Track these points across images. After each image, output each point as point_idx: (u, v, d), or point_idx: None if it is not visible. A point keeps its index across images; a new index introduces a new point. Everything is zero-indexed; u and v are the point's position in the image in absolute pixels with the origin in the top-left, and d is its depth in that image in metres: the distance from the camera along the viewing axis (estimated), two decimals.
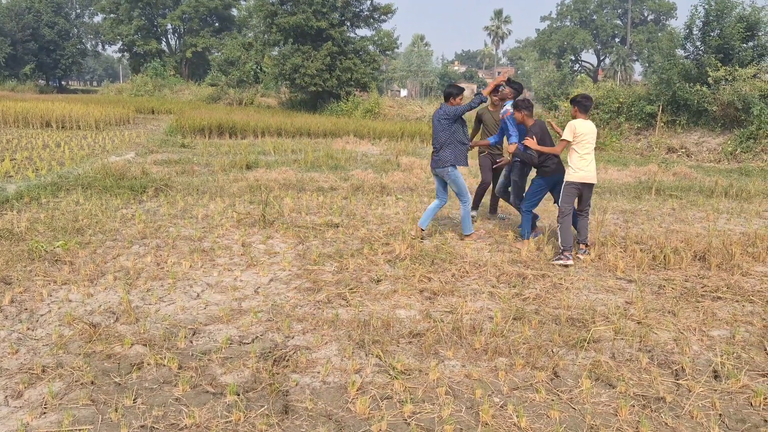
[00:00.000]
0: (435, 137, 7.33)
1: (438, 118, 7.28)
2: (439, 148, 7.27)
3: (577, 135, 6.72)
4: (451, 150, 7.26)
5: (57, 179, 10.80)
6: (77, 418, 3.38)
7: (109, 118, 24.13)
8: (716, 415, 3.59)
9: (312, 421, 3.43)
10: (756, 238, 7.55)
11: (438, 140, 7.27)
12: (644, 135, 21.40)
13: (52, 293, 5.33)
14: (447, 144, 7.24)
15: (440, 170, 7.34)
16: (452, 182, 7.31)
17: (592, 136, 6.82)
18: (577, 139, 6.72)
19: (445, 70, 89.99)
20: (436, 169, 7.39)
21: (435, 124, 7.33)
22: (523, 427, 3.41)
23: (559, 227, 6.76)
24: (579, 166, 6.74)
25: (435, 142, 7.32)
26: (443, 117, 7.23)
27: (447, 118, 7.22)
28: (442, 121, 7.24)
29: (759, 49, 20.63)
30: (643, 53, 60.79)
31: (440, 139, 7.25)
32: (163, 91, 47.07)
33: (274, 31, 35.88)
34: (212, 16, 63.25)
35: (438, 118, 7.27)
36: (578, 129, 6.73)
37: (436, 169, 7.39)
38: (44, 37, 70.65)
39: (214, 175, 12.27)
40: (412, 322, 4.89)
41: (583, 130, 6.74)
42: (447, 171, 7.28)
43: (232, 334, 4.57)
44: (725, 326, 4.98)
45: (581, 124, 6.76)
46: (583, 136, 6.73)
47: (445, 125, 7.22)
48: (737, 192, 11.77)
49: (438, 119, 7.28)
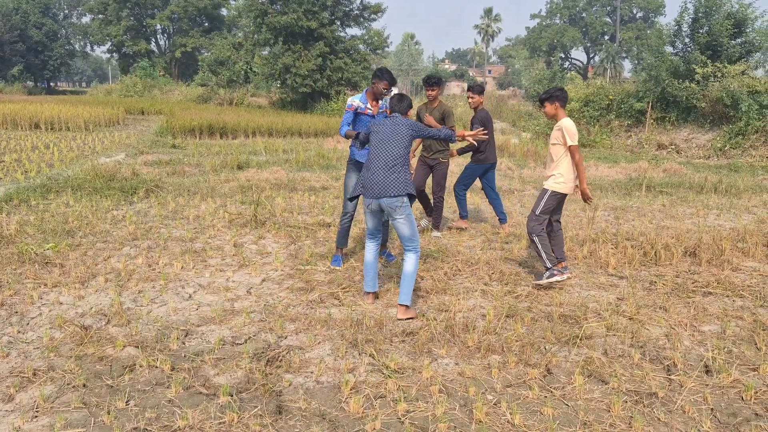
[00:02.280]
0: (384, 151, 5.12)
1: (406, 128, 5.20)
2: (386, 169, 5.06)
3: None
4: (406, 173, 5.15)
5: (46, 181, 10.73)
6: (69, 421, 3.36)
7: (99, 119, 23.97)
8: (708, 409, 3.61)
9: (306, 421, 3.43)
10: (745, 234, 7.61)
11: (392, 156, 5.09)
12: (634, 132, 21.51)
13: (43, 296, 5.30)
14: (402, 163, 5.13)
15: (388, 202, 5.01)
16: (405, 222, 5.05)
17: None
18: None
19: (435, 68, 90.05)
20: (383, 200, 5.03)
21: (389, 136, 5.15)
22: (517, 423, 3.42)
23: (538, 243, 5.76)
24: (570, 177, 5.80)
25: (379, 159, 5.11)
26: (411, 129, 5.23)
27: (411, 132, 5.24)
28: (403, 131, 5.18)
29: (747, 45, 20.78)
30: (633, 50, 61.11)
31: (394, 156, 5.09)
32: (152, 92, 46.83)
33: (264, 31, 35.77)
34: (201, 15, 62.99)
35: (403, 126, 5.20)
36: (574, 130, 5.70)
37: (384, 200, 5.02)
38: (32, 38, 70.09)
39: (205, 176, 12.23)
40: (404, 321, 4.89)
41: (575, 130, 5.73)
42: (400, 205, 5.03)
43: (224, 334, 4.56)
44: (716, 321, 5.02)
45: (572, 123, 5.76)
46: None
47: (407, 139, 5.19)
48: (726, 188, 11.86)
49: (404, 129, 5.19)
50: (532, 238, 5.80)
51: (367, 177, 5.14)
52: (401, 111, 5.39)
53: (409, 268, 5.04)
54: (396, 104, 5.42)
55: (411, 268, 5.04)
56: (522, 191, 11.43)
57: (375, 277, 5.34)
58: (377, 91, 6.12)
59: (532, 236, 5.80)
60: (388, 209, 5.04)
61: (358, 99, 6.22)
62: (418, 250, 5.11)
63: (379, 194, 5.03)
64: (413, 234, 5.07)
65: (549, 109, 5.84)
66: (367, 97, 6.23)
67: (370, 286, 5.34)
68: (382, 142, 5.15)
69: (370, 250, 5.38)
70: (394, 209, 5.01)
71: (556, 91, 5.85)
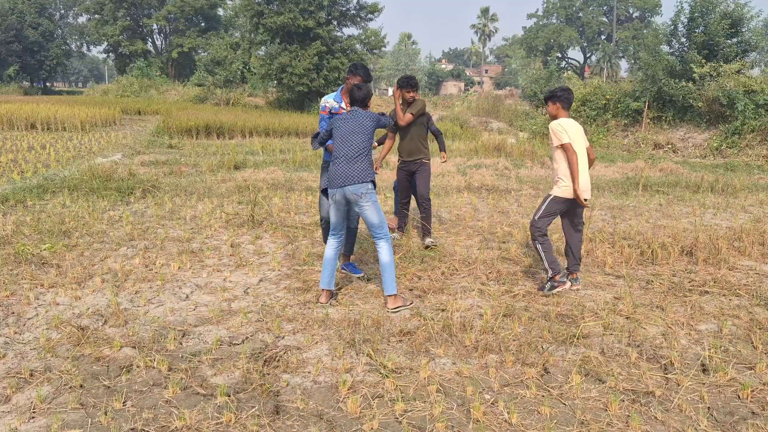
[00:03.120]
0: (346, 144, 5.13)
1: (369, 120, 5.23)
2: (349, 159, 5.09)
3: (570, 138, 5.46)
4: (369, 163, 5.18)
5: (43, 181, 10.71)
6: (66, 422, 3.35)
7: (95, 119, 23.94)
8: (705, 408, 3.62)
9: (303, 421, 3.43)
10: (742, 233, 7.62)
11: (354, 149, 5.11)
12: (631, 131, 21.56)
13: (39, 296, 5.29)
14: (365, 154, 5.16)
15: (353, 189, 5.03)
16: (371, 209, 5.09)
17: (581, 138, 5.60)
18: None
19: (432, 68, 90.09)
20: (347, 187, 5.04)
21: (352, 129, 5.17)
22: (514, 423, 3.42)
23: (541, 250, 5.52)
24: (569, 177, 5.46)
25: (343, 152, 5.12)
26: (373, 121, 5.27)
27: (374, 124, 5.28)
28: (367, 123, 5.21)
29: (743, 45, 20.85)
30: (629, 50, 61.17)
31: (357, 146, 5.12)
32: (149, 92, 46.79)
33: (260, 31, 35.79)
34: (198, 15, 62.93)
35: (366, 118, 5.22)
36: (570, 130, 5.47)
37: (349, 188, 5.04)
38: (28, 39, 69.94)
39: (202, 176, 12.21)
40: (402, 321, 4.89)
41: (572, 131, 5.49)
42: (366, 191, 5.06)
43: (222, 335, 4.55)
44: (713, 320, 5.03)
45: (569, 123, 5.54)
46: (574, 140, 5.48)
47: (370, 131, 5.24)
48: (723, 187, 11.89)
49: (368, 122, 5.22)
50: (535, 244, 5.57)
51: (332, 170, 5.16)
52: (360, 103, 5.32)
53: (385, 257, 5.10)
54: (355, 94, 5.32)
55: (387, 257, 5.10)
56: (519, 191, 11.44)
57: (332, 275, 5.27)
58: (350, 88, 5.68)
59: (534, 242, 5.58)
60: (354, 197, 5.04)
61: (332, 98, 5.86)
62: (389, 237, 5.16)
63: (343, 183, 5.04)
64: (381, 221, 5.13)
65: (551, 109, 5.70)
66: (342, 95, 5.87)
67: (326, 283, 5.24)
68: (345, 136, 5.16)
69: (331, 246, 5.30)
70: (359, 196, 5.03)
71: (559, 91, 5.68)
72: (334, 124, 5.31)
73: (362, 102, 5.32)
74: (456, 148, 18.68)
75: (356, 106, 5.33)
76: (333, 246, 5.32)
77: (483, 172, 13.69)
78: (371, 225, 5.14)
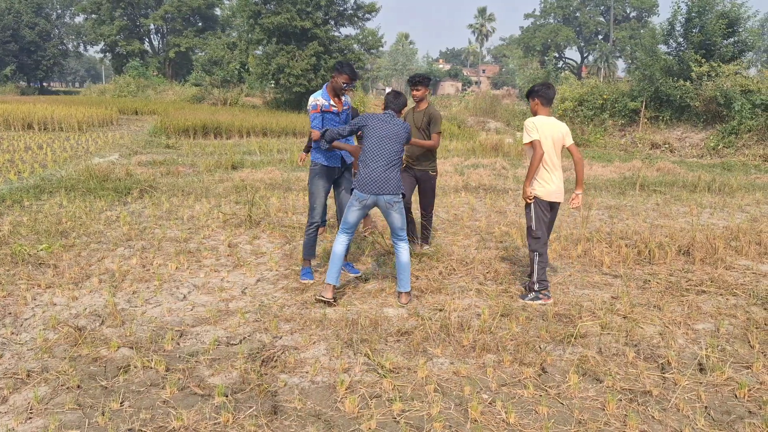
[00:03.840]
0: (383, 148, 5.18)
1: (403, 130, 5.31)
2: (386, 167, 5.15)
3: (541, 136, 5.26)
4: (400, 173, 5.32)
5: (40, 182, 10.68)
6: (64, 422, 3.35)
7: (92, 119, 23.90)
8: (702, 407, 3.63)
9: (301, 421, 3.43)
10: (739, 232, 7.64)
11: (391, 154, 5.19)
12: (628, 131, 21.59)
13: (36, 297, 5.28)
14: (399, 163, 5.29)
15: (389, 198, 5.15)
16: (398, 213, 5.25)
17: (558, 138, 5.35)
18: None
19: (430, 68, 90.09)
20: (381, 196, 5.13)
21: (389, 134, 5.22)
22: (512, 423, 3.42)
23: (536, 262, 5.37)
24: (545, 179, 5.32)
25: (379, 157, 5.15)
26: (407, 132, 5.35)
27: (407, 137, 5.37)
28: (401, 133, 5.28)
29: (740, 45, 20.90)
30: (626, 50, 61.31)
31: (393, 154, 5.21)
32: (146, 92, 46.71)
33: (257, 31, 35.75)
34: (195, 15, 62.81)
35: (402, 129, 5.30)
36: (542, 128, 5.26)
37: (384, 197, 5.14)
38: (25, 38, 69.76)
39: (199, 176, 12.20)
40: (400, 321, 4.89)
41: (546, 130, 5.28)
42: (398, 200, 5.22)
43: (219, 335, 4.55)
44: (710, 319, 5.04)
45: (543, 121, 5.31)
46: (546, 138, 5.27)
47: (403, 141, 5.31)
48: (720, 187, 11.91)
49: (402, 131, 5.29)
50: (533, 255, 5.39)
51: (365, 173, 5.14)
52: (396, 109, 5.43)
53: (405, 257, 5.31)
54: (392, 101, 5.41)
55: (406, 258, 5.32)
56: (516, 191, 11.44)
57: (339, 271, 5.25)
58: (336, 85, 5.62)
59: (532, 253, 5.40)
60: (386, 205, 5.18)
61: (321, 96, 5.67)
62: (407, 239, 5.39)
63: (378, 191, 5.11)
64: (404, 223, 5.33)
65: (531, 106, 5.54)
66: (327, 92, 5.68)
67: (333, 279, 5.22)
68: (382, 139, 5.20)
69: (341, 242, 5.32)
70: (392, 204, 5.18)
71: (538, 86, 5.47)
72: (369, 123, 5.28)
73: (398, 110, 5.46)
74: (453, 147, 18.69)
75: (391, 110, 5.43)
76: (344, 242, 5.34)
77: (480, 171, 13.70)
78: (395, 227, 5.30)
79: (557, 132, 5.36)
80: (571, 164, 15.40)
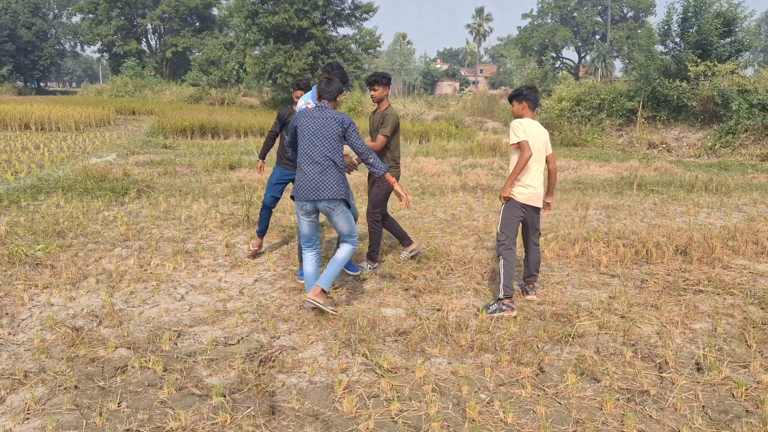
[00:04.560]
0: (314, 148, 4.75)
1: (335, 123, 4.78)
2: (321, 170, 4.73)
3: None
4: (342, 175, 4.84)
5: (37, 182, 10.66)
6: (61, 423, 3.34)
7: (89, 119, 23.85)
8: (699, 406, 3.63)
9: (299, 421, 3.43)
10: (736, 232, 7.66)
11: (323, 154, 4.74)
12: (625, 131, 21.62)
13: (34, 297, 5.27)
14: (337, 163, 4.80)
15: (325, 204, 4.77)
16: (342, 218, 4.87)
17: (542, 143, 5.23)
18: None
19: (427, 68, 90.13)
20: (320, 203, 4.77)
21: (319, 132, 4.76)
22: (510, 422, 3.42)
23: (502, 267, 5.06)
24: (523, 182, 5.14)
25: (312, 158, 4.74)
26: (340, 124, 4.78)
27: (341, 131, 4.80)
28: (333, 126, 4.76)
29: (736, 44, 20.93)
30: (623, 50, 61.43)
31: (327, 153, 4.75)
32: (143, 92, 46.66)
33: (254, 31, 35.73)
34: (192, 15, 62.79)
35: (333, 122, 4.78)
36: (529, 131, 5.11)
37: (322, 204, 4.77)
38: (21, 38, 69.66)
39: (197, 176, 12.18)
40: (397, 321, 4.89)
41: (533, 133, 5.14)
42: (337, 206, 4.80)
43: (217, 335, 4.54)
44: (707, 319, 5.05)
45: (530, 124, 5.17)
46: (533, 141, 5.12)
47: (337, 135, 4.79)
48: (717, 186, 11.93)
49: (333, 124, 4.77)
50: (498, 259, 5.15)
51: (299, 177, 4.81)
52: (330, 97, 4.91)
53: (340, 254, 4.92)
54: (324, 88, 4.92)
55: (342, 255, 4.92)
56: None
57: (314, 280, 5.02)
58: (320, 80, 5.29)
59: (497, 257, 5.17)
60: (327, 210, 4.80)
61: (311, 98, 5.45)
62: (356, 244, 5.00)
63: (314, 196, 4.73)
64: (351, 230, 4.95)
65: (516, 109, 5.27)
66: (316, 96, 5.30)
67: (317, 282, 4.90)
68: (313, 138, 4.76)
69: (308, 260, 5.05)
70: (333, 209, 4.79)
71: (525, 89, 5.26)
72: (299, 122, 4.85)
73: (332, 98, 4.91)
74: (451, 147, 18.70)
75: (324, 101, 4.91)
76: (312, 260, 5.06)
77: (478, 171, 13.71)
78: (340, 233, 4.97)
79: (542, 137, 5.25)
80: (569, 164, 15.42)
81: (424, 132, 22.31)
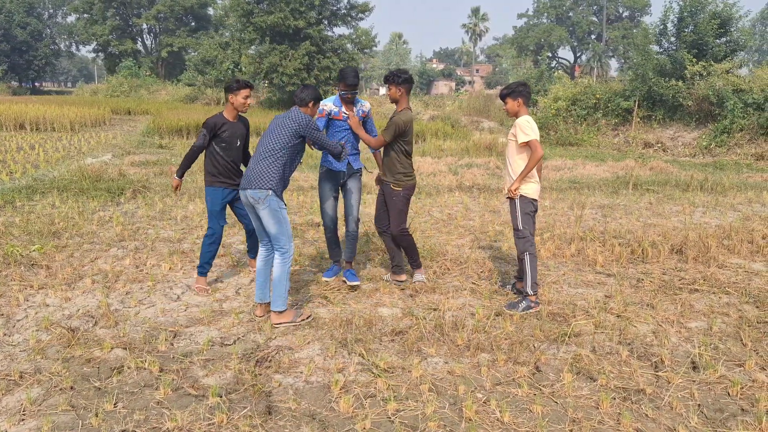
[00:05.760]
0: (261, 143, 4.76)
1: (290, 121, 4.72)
2: (258, 159, 4.69)
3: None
4: (275, 167, 4.65)
5: (32, 182, 10.63)
6: (57, 423, 3.33)
7: (85, 119, 23.79)
8: (695, 405, 3.64)
9: (295, 421, 3.42)
10: (731, 231, 7.68)
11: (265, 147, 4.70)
12: (621, 130, 21.67)
13: (29, 298, 5.25)
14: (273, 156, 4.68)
15: (252, 193, 4.62)
16: (267, 217, 4.64)
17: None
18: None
19: (423, 68, 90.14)
20: (247, 191, 4.65)
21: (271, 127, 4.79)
22: (507, 422, 3.43)
23: (528, 263, 5.13)
24: (533, 178, 5.23)
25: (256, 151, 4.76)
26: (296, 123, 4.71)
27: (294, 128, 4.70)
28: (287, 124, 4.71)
29: (732, 44, 21.00)
30: (619, 49, 61.56)
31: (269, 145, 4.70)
32: (139, 92, 46.57)
33: (250, 30, 35.68)
34: (188, 15, 62.71)
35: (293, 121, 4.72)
36: (535, 128, 5.14)
37: (248, 192, 4.64)
38: (16, 38, 69.41)
39: (193, 176, 12.16)
40: (394, 320, 4.89)
41: (536, 130, 5.18)
42: (263, 197, 4.60)
43: (213, 335, 4.54)
44: (702, 318, 5.06)
45: (528, 119, 5.17)
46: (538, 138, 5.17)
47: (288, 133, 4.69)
48: (712, 186, 11.97)
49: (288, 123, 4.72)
50: (523, 256, 5.18)
51: (245, 171, 4.79)
52: (299, 102, 4.84)
53: (275, 272, 4.70)
54: (297, 94, 4.90)
55: (277, 272, 4.69)
56: None
57: (264, 286, 4.83)
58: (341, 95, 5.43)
59: (522, 254, 5.20)
60: (251, 201, 4.61)
61: (331, 102, 5.49)
62: (287, 252, 4.68)
63: (244, 186, 4.66)
64: (279, 233, 4.64)
65: (511, 106, 5.22)
66: (340, 99, 5.50)
67: (259, 297, 4.85)
68: (265, 134, 4.77)
69: (260, 256, 4.88)
70: (257, 201, 4.59)
71: (519, 86, 5.23)
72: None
73: (301, 103, 4.82)
74: (447, 147, 18.71)
75: (295, 105, 4.86)
76: (262, 256, 4.86)
77: (474, 171, 13.72)
78: (268, 233, 4.70)
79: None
80: (565, 163, 15.46)
81: (421, 132, 22.32)
